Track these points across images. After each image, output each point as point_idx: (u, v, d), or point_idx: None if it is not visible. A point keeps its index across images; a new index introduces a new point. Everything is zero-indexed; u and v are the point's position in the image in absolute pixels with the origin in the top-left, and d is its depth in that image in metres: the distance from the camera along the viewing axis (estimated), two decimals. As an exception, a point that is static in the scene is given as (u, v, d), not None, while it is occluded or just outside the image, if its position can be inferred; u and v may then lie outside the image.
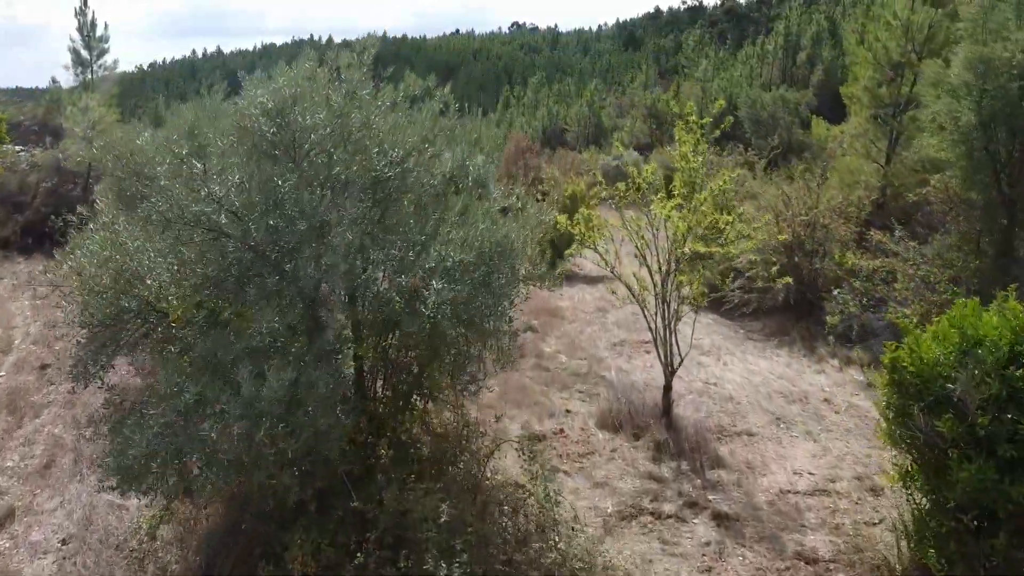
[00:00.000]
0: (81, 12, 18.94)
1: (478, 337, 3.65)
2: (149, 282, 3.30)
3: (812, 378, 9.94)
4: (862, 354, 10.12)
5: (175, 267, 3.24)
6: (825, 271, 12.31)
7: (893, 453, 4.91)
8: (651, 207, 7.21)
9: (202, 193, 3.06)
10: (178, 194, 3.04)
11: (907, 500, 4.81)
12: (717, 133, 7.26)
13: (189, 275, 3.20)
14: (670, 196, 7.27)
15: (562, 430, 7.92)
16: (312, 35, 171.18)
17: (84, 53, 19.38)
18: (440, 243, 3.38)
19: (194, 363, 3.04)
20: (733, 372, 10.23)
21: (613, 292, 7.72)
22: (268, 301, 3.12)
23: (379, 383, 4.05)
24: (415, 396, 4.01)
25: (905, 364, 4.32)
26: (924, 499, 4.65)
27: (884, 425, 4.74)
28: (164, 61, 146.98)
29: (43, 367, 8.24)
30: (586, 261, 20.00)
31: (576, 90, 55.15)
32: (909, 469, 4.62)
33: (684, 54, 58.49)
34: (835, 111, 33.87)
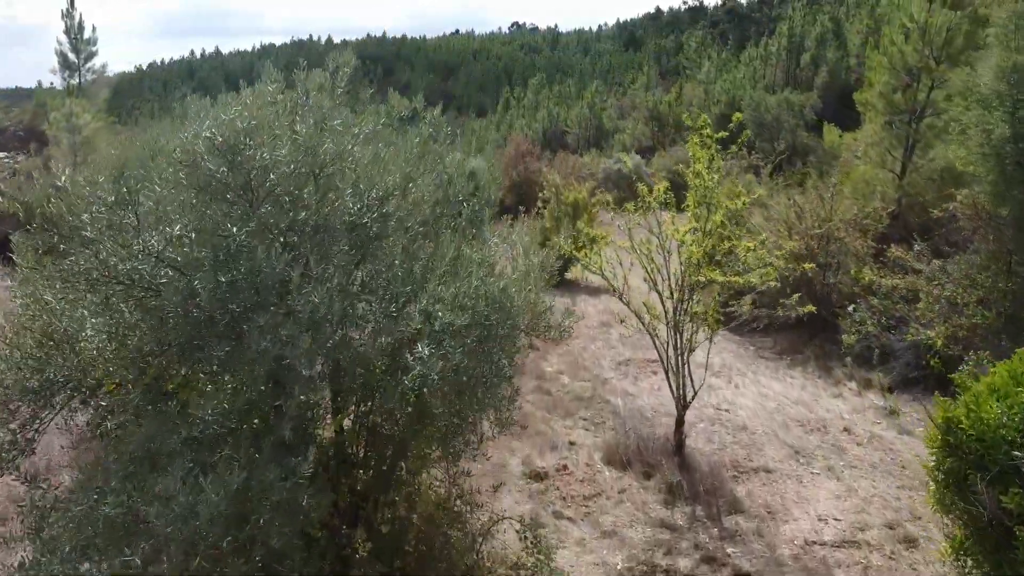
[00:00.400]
0: (68, 14, 18.40)
1: (471, 409, 3.11)
2: (83, 345, 2.77)
3: (829, 403, 9.40)
4: (882, 377, 9.58)
5: (112, 328, 2.71)
6: (839, 286, 11.79)
7: (945, 522, 4.36)
8: (663, 228, 6.66)
9: (135, 247, 2.52)
10: (107, 249, 2.51)
11: (958, 574, 4.26)
12: (735, 149, 6.72)
13: (129, 339, 2.67)
14: (680, 209, 6.74)
15: (565, 466, 7.38)
16: (312, 35, 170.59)
17: (72, 56, 18.85)
18: (427, 298, 2.83)
19: (125, 457, 2.51)
20: (745, 396, 9.69)
21: (622, 321, 7.17)
22: (218, 377, 2.59)
23: (361, 448, 3.51)
24: (400, 467, 3.48)
25: (963, 426, 3.77)
26: (979, 572, 4.10)
27: (933, 489, 4.19)
28: (162, 61, 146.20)
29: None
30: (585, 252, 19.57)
31: (576, 91, 54.62)
32: (963, 540, 4.07)
33: (686, 55, 57.94)
34: (840, 114, 33.36)
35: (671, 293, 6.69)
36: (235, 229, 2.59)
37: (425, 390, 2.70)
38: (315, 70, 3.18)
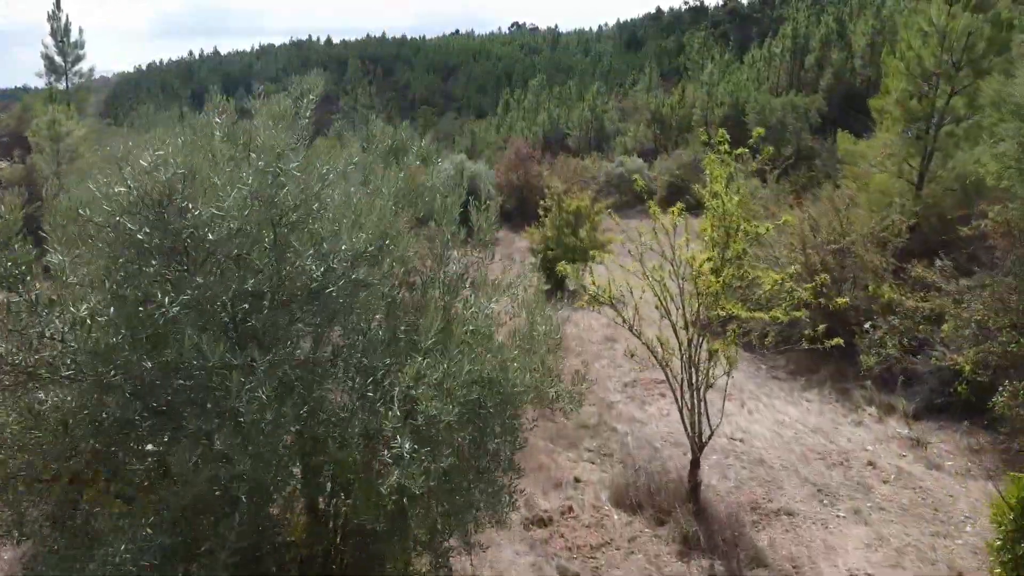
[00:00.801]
0: (54, 16, 17.80)
1: (462, 518, 2.56)
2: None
3: (850, 432, 8.84)
4: (906, 404, 9.01)
5: (20, 418, 2.17)
6: (855, 302, 11.23)
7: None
8: (677, 253, 6.12)
9: (33, 332, 1.98)
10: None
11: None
12: (755, 167, 6.18)
13: (32, 438, 2.13)
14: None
15: (571, 508, 6.83)
16: (311, 35, 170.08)
17: (58, 59, 18.27)
18: (409, 379, 2.28)
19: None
20: (760, 424, 9.14)
21: (632, 355, 6.62)
22: (137, 496, 2.06)
23: (334, 542, 2.96)
24: (378, 569, 2.92)
25: (1044, 510, 3.22)
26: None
27: (999, 572, 3.63)
28: (161, 62, 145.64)
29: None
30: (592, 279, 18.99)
31: (577, 92, 54.04)
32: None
33: (688, 56, 57.34)
34: (846, 116, 32.80)
35: (686, 325, 6.14)
36: (166, 300, 2.04)
37: (405, 500, 2.17)
38: (278, 95, 2.62)
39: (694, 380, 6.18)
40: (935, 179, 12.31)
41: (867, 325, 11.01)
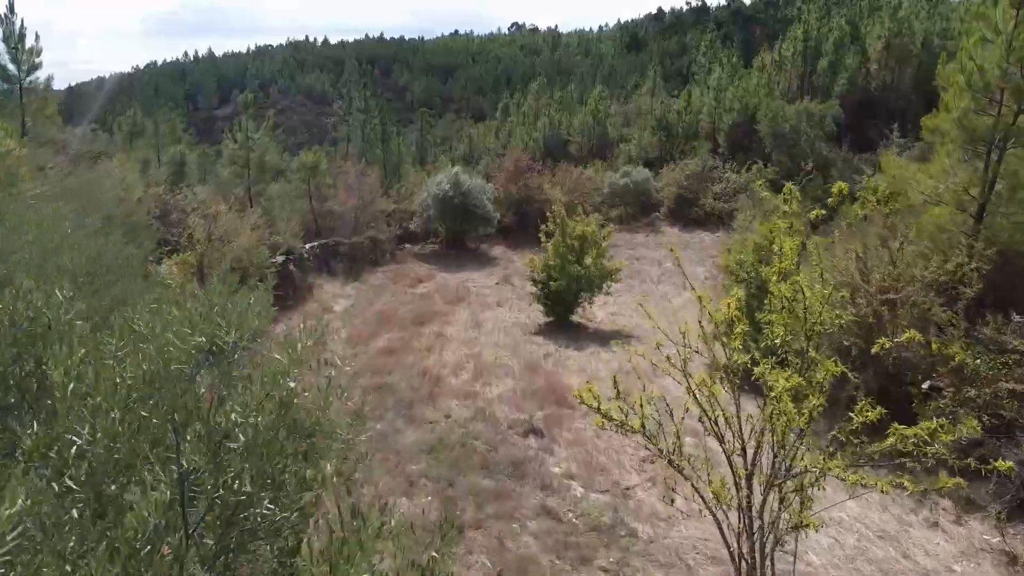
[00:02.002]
0: (6, 20, 16.14)
1: None
2: None
3: (925, 538, 7.18)
4: (997, 508, 7.33)
5: None
6: (912, 359, 9.58)
7: None
8: (734, 358, 4.45)
9: None
10: None
11: None
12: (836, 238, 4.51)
13: None
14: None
15: None
16: (308, 36, 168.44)
17: (11, 68, 16.59)
18: None
19: None
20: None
21: (671, 502, 4.97)
22: None
23: None
24: None
25: None
26: None
27: None
28: (156, 63, 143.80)
29: None
30: (597, 310, 17.19)
31: (579, 96, 52.31)
32: None
33: (693, 59, 55.66)
34: (861, 123, 31.23)
35: (743, 456, 4.47)
36: None
37: None
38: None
39: (757, 529, 4.51)
40: (998, 212, 10.65)
41: (925, 385, 9.41)
